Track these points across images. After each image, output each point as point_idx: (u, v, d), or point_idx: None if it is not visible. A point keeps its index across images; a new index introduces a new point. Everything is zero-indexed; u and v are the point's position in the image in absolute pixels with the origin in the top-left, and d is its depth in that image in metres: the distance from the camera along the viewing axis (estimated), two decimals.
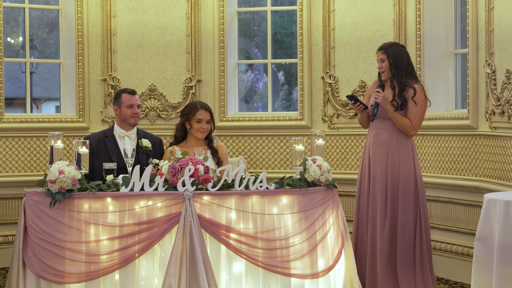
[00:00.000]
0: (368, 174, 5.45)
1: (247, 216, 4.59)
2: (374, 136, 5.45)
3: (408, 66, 5.39)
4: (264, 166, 7.07)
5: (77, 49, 6.98)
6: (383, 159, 5.37)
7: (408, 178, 5.35)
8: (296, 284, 4.63)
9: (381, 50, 5.44)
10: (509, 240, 3.96)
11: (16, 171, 6.82)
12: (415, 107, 5.34)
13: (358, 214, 5.50)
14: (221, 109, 7.07)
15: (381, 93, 5.34)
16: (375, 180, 5.39)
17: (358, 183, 5.53)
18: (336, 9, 6.85)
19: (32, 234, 4.46)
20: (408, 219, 5.33)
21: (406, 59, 5.40)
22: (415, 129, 5.36)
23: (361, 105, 5.45)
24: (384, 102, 5.33)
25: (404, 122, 5.33)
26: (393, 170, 5.34)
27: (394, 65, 5.37)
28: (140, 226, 4.47)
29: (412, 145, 5.42)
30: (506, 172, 5.62)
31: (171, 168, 4.55)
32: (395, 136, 5.38)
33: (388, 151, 5.36)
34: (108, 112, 7.02)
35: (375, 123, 5.44)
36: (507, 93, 5.52)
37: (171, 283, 4.38)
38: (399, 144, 5.37)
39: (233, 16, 7.19)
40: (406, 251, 5.32)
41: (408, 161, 5.36)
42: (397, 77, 5.37)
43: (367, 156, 5.47)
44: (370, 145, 5.45)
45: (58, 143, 4.63)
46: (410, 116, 5.34)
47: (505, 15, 5.59)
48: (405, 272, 5.31)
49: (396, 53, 5.38)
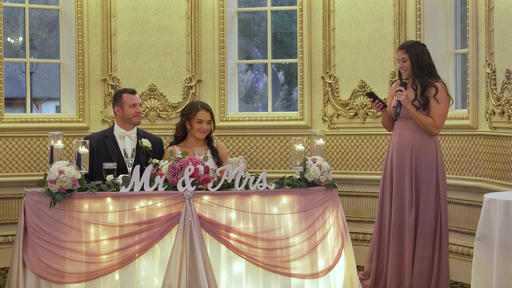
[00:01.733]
0: (391, 175, 5.41)
1: (247, 216, 4.60)
2: (397, 136, 5.41)
3: (429, 66, 5.35)
4: (264, 166, 7.07)
5: (77, 49, 6.98)
6: (408, 159, 5.32)
7: (430, 178, 5.31)
8: (296, 284, 4.63)
9: (402, 49, 5.39)
10: (509, 240, 3.96)
11: (16, 171, 6.82)
12: (437, 105, 5.29)
13: (381, 216, 5.47)
14: (221, 109, 7.07)
15: (403, 92, 5.30)
16: (400, 182, 5.34)
17: (381, 185, 5.50)
18: (336, 9, 6.85)
19: (32, 234, 4.46)
20: (428, 220, 5.29)
21: (428, 58, 5.36)
22: (438, 128, 5.31)
23: (380, 103, 5.42)
24: (406, 101, 5.28)
25: (426, 121, 5.29)
26: (416, 170, 5.31)
27: (416, 64, 5.33)
28: (140, 226, 4.47)
29: (436, 145, 5.37)
30: (506, 172, 5.62)
31: (171, 168, 4.55)
32: (419, 136, 5.33)
33: (412, 151, 5.33)
34: (108, 112, 7.02)
35: (398, 123, 5.41)
36: (507, 93, 5.52)
37: (171, 283, 4.38)
38: (423, 143, 5.32)
39: (233, 16, 7.19)
40: (425, 253, 5.29)
41: (432, 161, 5.32)
42: (419, 77, 5.33)
43: (390, 157, 5.44)
44: (393, 146, 5.41)
45: (58, 143, 4.63)
46: (432, 114, 5.30)
47: (505, 15, 5.59)
48: (420, 275, 5.29)
49: (418, 52, 5.34)
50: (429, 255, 5.32)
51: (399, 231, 5.36)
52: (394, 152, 5.40)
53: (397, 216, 5.36)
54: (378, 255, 5.46)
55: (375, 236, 5.48)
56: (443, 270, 5.31)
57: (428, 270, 5.33)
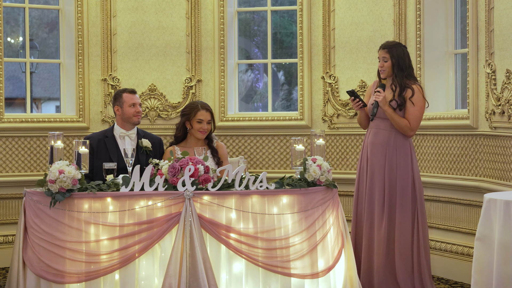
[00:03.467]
0: (366, 173, 5.46)
1: (247, 216, 4.60)
2: (373, 135, 5.45)
3: (409, 68, 5.42)
4: (264, 166, 7.07)
5: (77, 49, 6.98)
6: (381, 159, 5.38)
7: (406, 179, 5.35)
8: (296, 284, 4.63)
9: (384, 49, 5.44)
10: (509, 240, 3.96)
11: (16, 171, 6.82)
12: (413, 107, 5.35)
13: (356, 214, 5.50)
14: (221, 109, 7.07)
15: (382, 93, 5.35)
16: (373, 180, 5.40)
17: (356, 183, 5.53)
18: (336, 9, 6.85)
19: (32, 234, 4.46)
20: (405, 220, 5.33)
21: (408, 60, 5.43)
22: (413, 130, 5.37)
23: (360, 102, 5.46)
24: (383, 102, 5.34)
25: (402, 123, 5.34)
26: (391, 171, 5.35)
27: (397, 65, 5.39)
28: (140, 226, 4.47)
29: (410, 145, 5.42)
30: (506, 172, 5.62)
31: (171, 168, 4.55)
32: (393, 137, 5.38)
33: (386, 151, 5.37)
34: (108, 112, 7.02)
35: (375, 122, 5.45)
36: (507, 93, 5.52)
37: (171, 283, 4.38)
38: (397, 144, 5.37)
39: (233, 16, 7.19)
40: (404, 252, 5.32)
41: (406, 162, 5.37)
42: (398, 78, 5.39)
43: (365, 155, 5.48)
44: (368, 144, 5.46)
45: (58, 143, 4.63)
46: (408, 116, 5.35)
47: (505, 15, 5.59)
48: (403, 273, 5.32)
49: (400, 53, 5.40)
50: (409, 253, 5.33)
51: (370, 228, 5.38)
52: (369, 150, 5.43)
53: (369, 214, 5.39)
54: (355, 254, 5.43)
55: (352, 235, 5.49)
56: (424, 267, 5.33)
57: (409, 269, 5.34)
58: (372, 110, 5.40)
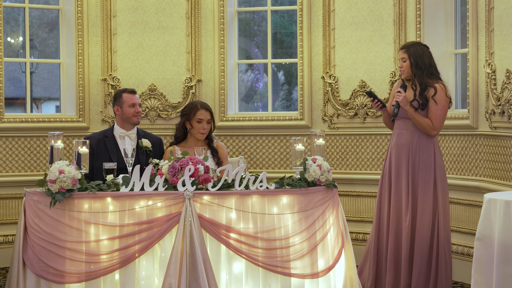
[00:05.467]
0: (389, 176, 5.42)
1: (247, 216, 4.60)
2: (396, 136, 5.42)
3: (430, 66, 5.35)
4: (264, 166, 7.07)
5: (77, 49, 6.98)
6: (405, 160, 5.33)
7: (428, 180, 5.30)
8: (296, 284, 4.63)
9: (402, 49, 5.42)
10: (509, 240, 3.96)
11: (16, 171, 6.82)
12: (436, 106, 5.29)
13: (379, 215, 5.47)
14: (221, 109, 7.07)
15: (402, 93, 5.32)
16: (399, 182, 5.34)
17: (380, 185, 5.51)
18: (336, 9, 6.85)
19: (32, 234, 4.46)
20: (425, 221, 5.29)
21: (428, 59, 5.36)
22: (436, 129, 5.31)
23: (379, 102, 5.44)
24: (404, 102, 5.29)
25: (424, 122, 5.29)
26: (414, 171, 5.31)
27: (415, 64, 5.34)
28: (140, 226, 4.47)
29: (435, 146, 5.36)
30: (506, 172, 5.62)
31: (171, 168, 4.55)
32: (417, 137, 5.33)
33: (409, 151, 5.33)
34: (108, 112, 7.02)
35: (398, 123, 5.42)
36: (507, 93, 5.52)
37: (171, 283, 4.38)
38: (421, 145, 5.33)
39: (233, 16, 7.19)
40: (423, 255, 5.28)
41: (429, 162, 5.31)
42: (418, 77, 5.33)
43: (388, 157, 5.45)
44: (392, 146, 5.43)
45: (58, 143, 4.63)
46: (430, 116, 5.30)
47: (505, 15, 5.59)
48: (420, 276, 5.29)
49: (418, 52, 5.35)
50: (426, 256, 5.31)
51: (396, 232, 5.37)
52: (393, 152, 5.41)
53: (395, 217, 5.37)
54: (378, 255, 5.46)
55: (374, 236, 5.48)
56: (442, 271, 5.30)
57: (425, 271, 5.32)
58: (393, 111, 5.38)
